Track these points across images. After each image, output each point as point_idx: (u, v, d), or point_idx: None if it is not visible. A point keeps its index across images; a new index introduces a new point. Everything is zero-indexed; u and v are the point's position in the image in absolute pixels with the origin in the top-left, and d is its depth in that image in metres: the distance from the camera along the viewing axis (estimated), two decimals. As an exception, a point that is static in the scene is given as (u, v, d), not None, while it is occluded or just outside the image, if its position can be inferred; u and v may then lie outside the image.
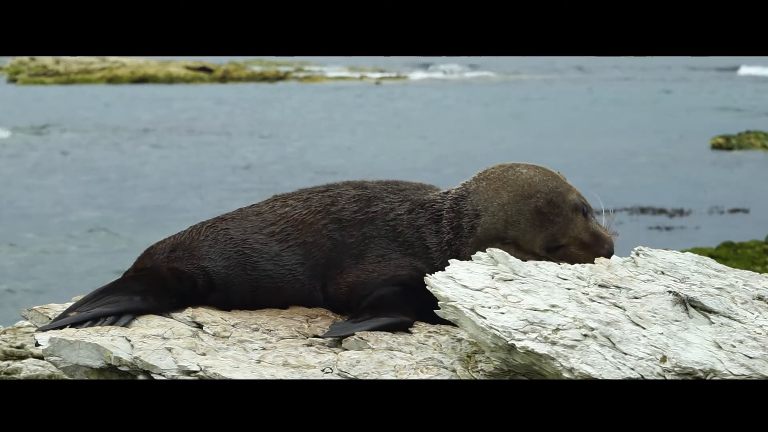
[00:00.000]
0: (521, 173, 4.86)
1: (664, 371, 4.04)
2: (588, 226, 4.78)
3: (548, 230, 4.76)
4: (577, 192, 4.87)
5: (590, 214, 4.84)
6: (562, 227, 4.76)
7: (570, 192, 4.84)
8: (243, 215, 5.10)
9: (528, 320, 4.15)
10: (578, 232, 4.76)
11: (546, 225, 4.76)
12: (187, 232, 5.13)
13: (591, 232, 4.77)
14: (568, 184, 4.89)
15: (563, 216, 4.76)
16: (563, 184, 4.87)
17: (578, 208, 4.79)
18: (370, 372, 4.34)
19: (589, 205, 4.87)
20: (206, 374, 4.32)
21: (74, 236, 17.48)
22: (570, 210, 4.78)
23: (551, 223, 4.76)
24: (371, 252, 4.90)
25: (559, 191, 4.81)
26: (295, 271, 4.95)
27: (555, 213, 4.76)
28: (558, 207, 4.78)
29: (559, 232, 4.75)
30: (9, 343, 5.88)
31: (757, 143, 26.62)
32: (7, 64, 50.49)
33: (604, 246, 4.75)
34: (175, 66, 48.50)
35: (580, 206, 4.80)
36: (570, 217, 4.77)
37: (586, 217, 4.80)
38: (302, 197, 5.07)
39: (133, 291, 4.90)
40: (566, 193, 4.82)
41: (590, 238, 4.76)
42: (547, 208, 4.77)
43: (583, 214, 4.80)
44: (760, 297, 4.54)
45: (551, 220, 4.76)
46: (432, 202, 4.95)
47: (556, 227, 4.76)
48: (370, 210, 4.95)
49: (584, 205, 4.82)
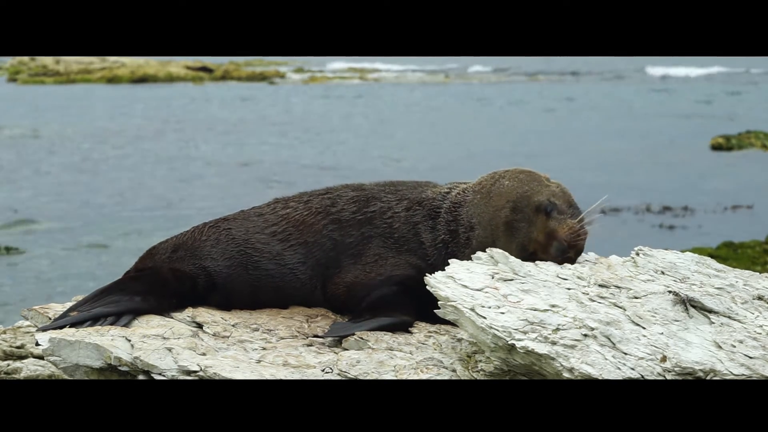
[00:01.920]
0: (503, 185, 4.79)
1: (664, 371, 4.04)
2: (545, 226, 4.64)
3: (516, 239, 4.67)
4: (550, 191, 4.73)
5: (556, 211, 4.66)
6: (526, 233, 4.65)
7: (537, 194, 4.71)
8: (245, 216, 5.14)
9: (528, 320, 4.15)
10: (536, 234, 4.64)
11: (514, 234, 4.67)
12: (189, 233, 5.16)
13: (546, 231, 4.62)
14: (542, 185, 4.76)
15: (526, 220, 4.66)
16: (535, 186, 4.75)
17: (540, 209, 4.66)
18: (370, 372, 4.34)
19: (562, 203, 4.70)
20: (206, 374, 4.32)
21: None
22: (532, 212, 4.66)
23: (518, 231, 4.67)
24: (369, 252, 4.93)
25: (526, 195, 4.70)
26: (296, 270, 4.98)
27: (519, 219, 4.67)
28: (521, 212, 4.67)
29: (525, 239, 4.65)
30: (9, 343, 5.88)
31: (757, 143, 26.63)
32: (7, 64, 50.52)
33: (553, 244, 4.59)
34: (175, 66, 48.52)
35: (542, 206, 4.66)
36: (532, 219, 4.66)
37: (548, 216, 4.65)
38: (302, 199, 5.13)
39: (133, 291, 4.90)
40: (532, 195, 4.70)
41: (544, 238, 4.62)
42: (512, 216, 4.69)
43: (546, 214, 4.65)
44: (760, 297, 4.54)
45: (517, 228, 4.67)
46: (430, 199, 4.97)
47: (521, 234, 4.66)
48: (368, 210, 4.99)
49: (549, 205, 4.66)
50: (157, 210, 19.53)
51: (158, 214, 19.13)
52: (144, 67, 47.55)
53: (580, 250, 4.68)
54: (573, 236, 4.63)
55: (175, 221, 17.71)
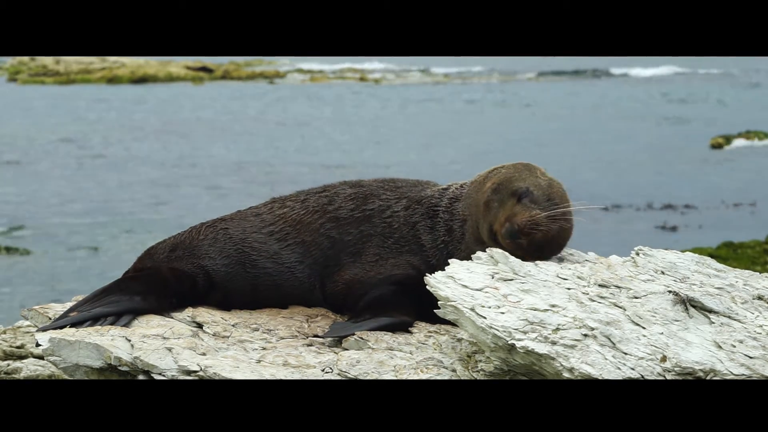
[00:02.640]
0: (499, 172, 4.82)
1: (664, 371, 4.04)
2: (511, 209, 4.64)
3: (488, 218, 4.71)
4: (534, 182, 4.71)
5: (529, 199, 4.64)
6: (496, 213, 4.68)
7: (520, 180, 4.71)
8: (242, 216, 5.13)
9: (528, 320, 4.15)
10: (502, 215, 4.64)
11: (488, 213, 4.71)
12: (187, 232, 5.15)
13: (508, 214, 4.63)
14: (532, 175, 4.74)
15: (499, 201, 4.68)
16: (523, 175, 4.75)
17: (515, 194, 4.67)
18: (370, 372, 4.34)
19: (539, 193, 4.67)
20: (206, 374, 4.32)
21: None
22: (507, 195, 4.68)
23: (490, 211, 4.70)
24: (368, 250, 4.92)
25: (508, 179, 4.73)
26: (295, 269, 4.98)
27: (495, 199, 4.70)
28: (499, 193, 4.70)
29: (494, 219, 4.68)
30: (9, 343, 5.88)
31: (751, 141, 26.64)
32: (7, 64, 50.48)
33: (506, 225, 4.59)
34: (175, 66, 48.48)
35: (518, 191, 4.66)
36: (504, 201, 4.67)
37: (518, 202, 4.64)
38: (300, 198, 5.11)
39: (133, 291, 4.90)
40: (515, 180, 4.72)
41: (504, 220, 4.62)
42: (492, 196, 4.72)
43: (518, 199, 4.65)
44: (760, 297, 4.54)
45: (491, 207, 4.70)
46: (429, 198, 4.96)
47: (492, 214, 4.69)
48: (366, 207, 4.98)
49: (524, 191, 4.66)
50: (156, 210, 19.53)
51: (159, 214, 19.13)
52: (144, 67, 47.53)
53: (536, 242, 4.60)
54: (529, 224, 4.59)
55: (175, 221, 17.71)
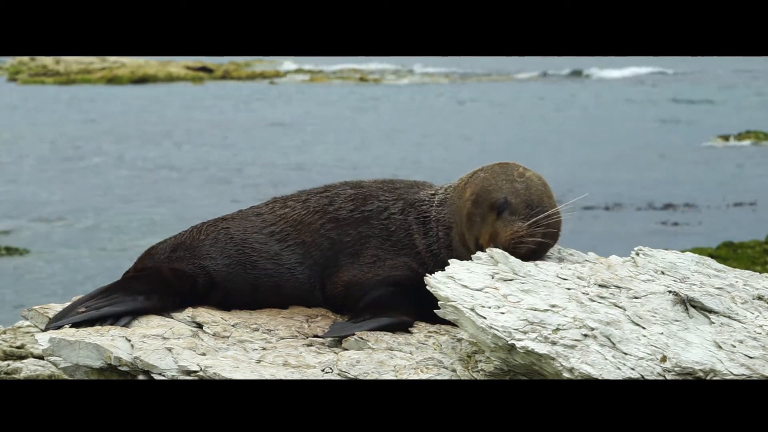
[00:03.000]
0: (478, 177, 4.82)
1: (664, 371, 4.04)
2: (491, 227, 4.66)
3: (472, 232, 4.72)
4: (511, 190, 4.70)
5: (508, 211, 4.65)
6: (479, 227, 4.69)
7: (497, 190, 4.71)
8: (243, 216, 5.13)
9: (528, 320, 4.15)
10: (485, 232, 4.67)
11: (472, 227, 4.72)
12: (188, 232, 5.15)
13: (490, 232, 4.64)
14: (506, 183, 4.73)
15: (480, 215, 4.70)
16: (501, 181, 4.74)
17: (494, 207, 4.68)
18: (370, 372, 4.34)
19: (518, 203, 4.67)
20: (206, 374, 4.32)
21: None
22: (487, 209, 4.69)
23: (473, 225, 4.72)
24: (367, 251, 4.93)
25: (486, 190, 4.73)
26: (295, 269, 4.98)
27: (476, 213, 4.71)
28: (479, 206, 4.71)
29: (477, 233, 4.69)
30: (9, 343, 5.88)
31: (758, 143, 26.64)
32: (7, 64, 50.46)
33: (490, 245, 4.60)
34: (175, 66, 48.47)
35: (495, 204, 4.67)
36: (485, 216, 4.69)
37: (499, 216, 4.66)
38: (301, 198, 5.12)
39: (136, 291, 4.90)
40: (493, 191, 4.72)
41: (488, 239, 4.64)
42: (472, 209, 4.73)
43: (498, 213, 4.67)
44: (760, 297, 4.54)
45: (473, 221, 4.72)
46: (420, 202, 4.97)
47: (476, 228, 4.71)
48: (365, 209, 4.98)
49: (502, 204, 4.66)
50: (156, 210, 19.53)
51: (158, 215, 19.13)
52: (144, 67, 47.52)
53: (523, 255, 4.60)
54: (514, 241, 4.61)
55: (175, 221, 17.70)
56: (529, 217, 4.65)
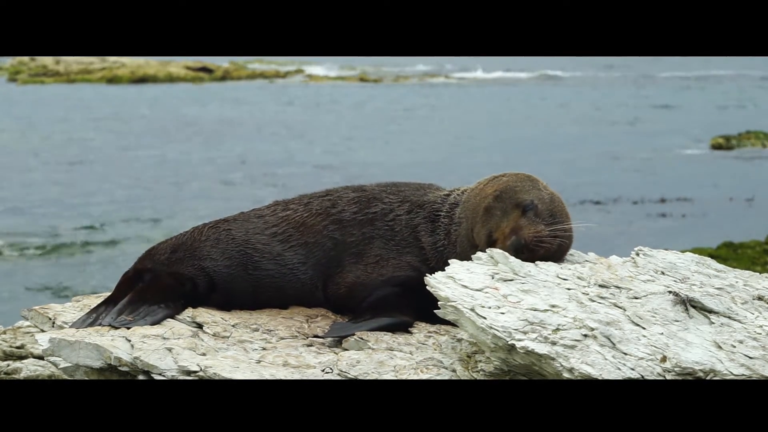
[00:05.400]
0: (501, 181, 4.85)
1: (664, 371, 4.04)
2: (515, 221, 4.68)
3: (488, 225, 4.73)
4: (538, 195, 4.75)
5: (534, 213, 4.69)
6: (498, 221, 4.70)
7: (525, 192, 4.75)
8: (245, 217, 5.14)
9: (528, 320, 4.15)
10: (506, 226, 4.68)
11: (488, 220, 4.73)
12: (189, 233, 5.15)
13: (512, 226, 4.66)
14: (536, 188, 4.78)
15: (502, 210, 4.72)
16: (528, 185, 4.79)
17: (520, 205, 4.71)
18: (370, 372, 4.34)
19: (543, 208, 4.72)
20: (206, 374, 4.32)
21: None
22: (511, 206, 4.72)
23: (491, 217, 4.73)
24: (370, 252, 4.93)
25: (513, 189, 4.77)
26: (297, 270, 4.98)
27: (497, 207, 4.73)
28: (502, 201, 4.73)
29: (494, 226, 4.70)
30: (9, 343, 5.88)
31: (757, 143, 26.63)
32: (7, 64, 50.44)
33: (511, 237, 4.62)
34: (175, 66, 48.46)
35: (522, 203, 4.71)
36: (508, 211, 4.71)
37: (524, 214, 4.69)
38: (303, 202, 5.13)
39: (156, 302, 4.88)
40: (520, 191, 4.76)
41: (510, 231, 4.65)
42: (492, 203, 4.75)
43: (523, 211, 4.70)
44: (760, 297, 4.54)
45: (492, 214, 4.73)
46: (431, 203, 4.99)
47: (493, 221, 4.72)
48: (369, 211, 4.99)
49: (529, 204, 4.70)
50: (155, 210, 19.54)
51: (157, 215, 19.13)
52: (144, 67, 47.52)
53: (537, 257, 4.63)
54: (535, 239, 4.64)
55: (174, 221, 17.71)
56: (552, 225, 4.71)
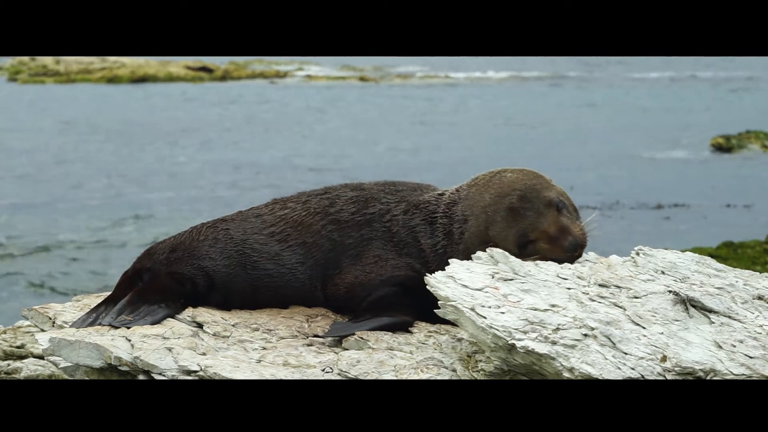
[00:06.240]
0: (505, 176, 4.87)
1: (664, 371, 4.04)
2: (558, 221, 4.72)
3: (519, 225, 4.73)
4: (558, 191, 4.82)
5: (566, 210, 4.76)
6: (533, 221, 4.72)
7: (547, 189, 4.80)
8: (243, 217, 5.13)
9: (528, 320, 4.15)
10: (547, 225, 4.70)
11: (518, 220, 4.73)
12: (187, 233, 5.15)
13: (558, 225, 4.70)
14: (549, 184, 4.85)
15: (534, 210, 4.73)
16: (543, 182, 4.83)
17: (552, 204, 4.74)
18: (370, 372, 4.34)
19: (568, 203, 4.80)
20: (206, 374, 4.32)
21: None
22: (543, 205, 4.74)
23: (522, 218, 4.73)
24: (369, 253, 4.93)
25: (535, 188, 4.79)
26: (295, 270, 4.98)
27: (527, 207, 4.74)
28: (530, 201, 4.75)
29: (529, 227, 4.71)
30: (9, 343, 5.88)
31: (758, 143, 26.63)
32: (7, 64, 50.43)
33: (568, 238, 4.67)
34: (175, 66, 48.44)
35: (554, 202, 4.75)
36: (541, 211, 4.73)
37: (559, 213, 4.74)
38: (301, 200, 5.11)
39: (155, 302, 4.88)
40: (542, 189, 4.79)
41: (556, 231, 4.69)
42: (519, 203, 4.75)
43: (557, 210, 4.74)
44: (760, 297, 4.54)
45: (522, 215, 4.73)
46: (426, 203, 4.98)
47: (526, 221, 4.72)
48: (367, 211, 4.98)
49: (560, 202, 4.76)
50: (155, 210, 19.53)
51: (157, 214, 19.13)
52: (144, 67, 47.51)
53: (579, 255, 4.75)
54: (585, 237, 4.74)
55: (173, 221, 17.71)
56: (576, 219, 4.81)
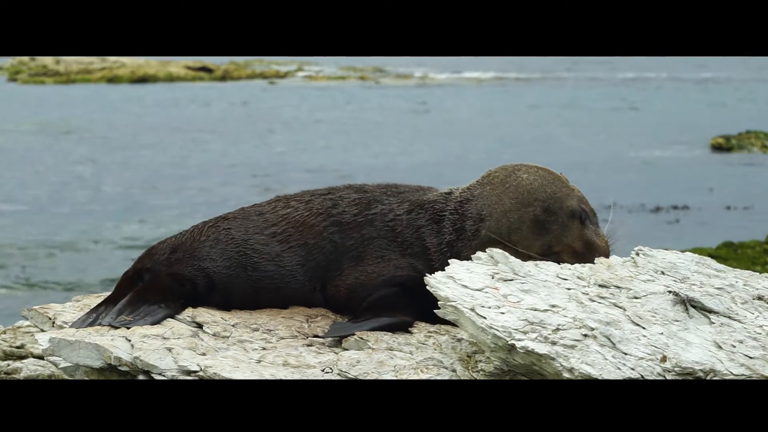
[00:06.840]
0: (522, 178, 4.84)
1: (664, 371, 4.04)
2: (582, 234, 4.73)
3: (544, 238, 4.73)
4: (578, 196, 4.82)
5: (589, 220, 4.78)
6: (557, 235, 4.73)
7: (569, 198, 4.79)
8: (245, 215, 5.11)
9: (528, 320, 4.15)
10: (572, 240, 4.72)
11: (543, 233, 4.73)
12: (188, 232, 5.14)
13: (584, 240, 4.73)
14: (569, 188, 4.84)
15: (559, 224, 4.73)
16: (563, 188, 4.82)
17: (575, 215, 4.75)
18: (370, 372, 4.34)
19: (589, 211, 4.81)
20: (206, 374, 4.32)
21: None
22: (566, 217, 4.74)
23: (547, 231, 4.73)
24: (370, 253, 4.91)
25: (557, 197, 4.78)
26: (296, 272, 4.96)
27: (551, 221, 4.74)
28: (555, 214, 4.74)
29: (554, 240, 4.72)
30: (9, 343, 5.88)
31: (758, 143, 26.63)
32: (7, 64, 50.42)
33: (594, 254, 4.70)
34: (175, 66, 48.44)
35: (577, 213, 4.76)
36: (566, 224, 4.74)
37: (583, 224, 4.75)
38: (304, 199, 5.10)
39: (155, 302, 4.88)
40: (565, 198, 4.78)
41: (582, 247, 4.72)
42: (543, 216, 4.74)
43: (581, 221, 4.75)
44: (760, 297, 4.54)
45: (547, 228, 4.73)
46: (432, 202, 4.96)
47: (551, 235, 4.73)
48: (369, 212, 4.97)
49: (582, 212, 4.77)
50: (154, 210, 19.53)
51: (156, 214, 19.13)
52: (144, 67, 47.51)
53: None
54: (609, 249, 4.77)
55: (173, 222, 17.71)
56: (596, 225, 4.83)
